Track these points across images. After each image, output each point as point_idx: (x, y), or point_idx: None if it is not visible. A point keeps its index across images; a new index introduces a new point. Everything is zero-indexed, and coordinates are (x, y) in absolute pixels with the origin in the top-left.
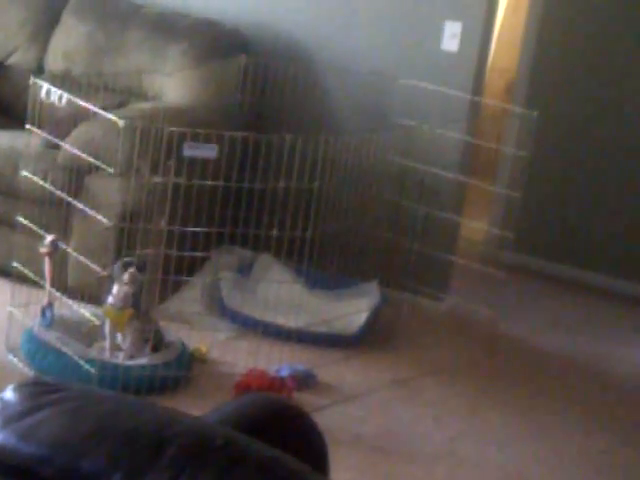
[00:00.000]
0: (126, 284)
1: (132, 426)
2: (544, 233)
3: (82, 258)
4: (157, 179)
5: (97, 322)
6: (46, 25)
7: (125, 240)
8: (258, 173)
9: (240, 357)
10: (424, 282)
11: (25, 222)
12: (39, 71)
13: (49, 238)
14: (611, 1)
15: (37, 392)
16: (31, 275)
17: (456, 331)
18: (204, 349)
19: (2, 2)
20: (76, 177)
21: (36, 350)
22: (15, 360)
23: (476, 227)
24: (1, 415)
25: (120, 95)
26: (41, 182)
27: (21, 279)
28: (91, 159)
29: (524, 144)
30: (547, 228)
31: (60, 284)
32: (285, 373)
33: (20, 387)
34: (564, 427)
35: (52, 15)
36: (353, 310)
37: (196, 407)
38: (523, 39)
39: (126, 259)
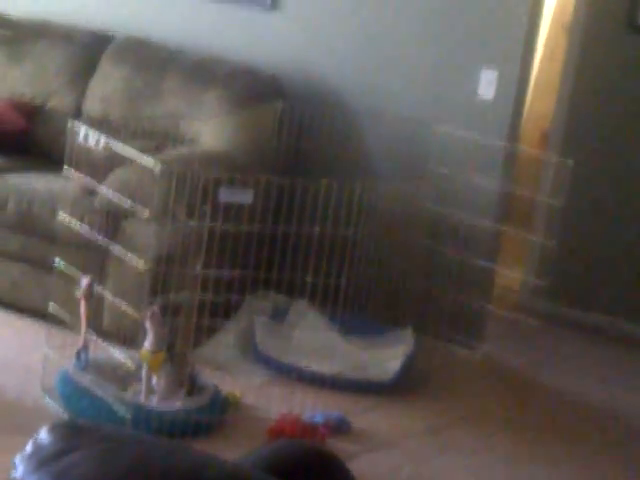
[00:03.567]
0: (147, 323)
1: (165, 469)
2: (579, 282)
3: (118, 301)
4: (193, 223)
5: (132, 365)
6: (85, 70)
7: (160, 284)
8: (293, 218)
9: (273, 403)
10: (458, 330)
11: (61, 265)
12: (77, 115)
13: (85, 281)
14: None
15: (71, 434)
16: (67, 317)
17: (490, 380)
18: (238, 394)
19: (42, 46)
20: (112, 221)
21: (71, 392)
22: (50, 402)
23: (511, 275)
24: (36, 456)
25: (157, 140)
26: (78, 225)
27: (57, 321)
28: (127, 203)
29: (559, 192)
30: (582, 277)
31: (96, 327)
32: (318, 419)
33: (54, 428)
34: (600, 478)
35: (91, 60)
36: (387, 357)
37: (229, 452)
38: (559, 87)
39: (152, 302)
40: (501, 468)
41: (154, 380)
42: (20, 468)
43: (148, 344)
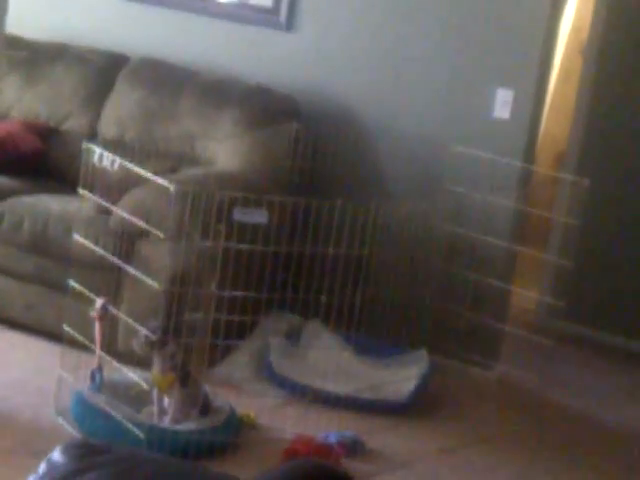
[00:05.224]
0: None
1: None
2: (595, 302)
3: (132, 322)
4: (207, 244)
5: (146, 386)
6: (100, 91)
7: (175, 304)
8: (308, 238)
9: (288, 423)
10: (474, 350)
11: (76, 286)
12: (92, 137)
13: (99, 302)
14: None
15: (84, 454)
16: (81, 339)
17: (506, 400)
18: (252, 414)
19: (57, 68)
20: (127, 241)
21: (85, 413)
22: (64, 423)
23: (527, 295)
24: (49, 476)
25: (172, 160)
26: (92, 246)
27: (71, 342)
28: (142, 224)
29: (575, 212)
30: (598, 297)
31: (110, 348)
32: (333, 440)
33: (68, 449)
34: None
35: (106, 81)
36: (402, 377)
37: (244, 472)
38: (575, 107)
39: (151, 324)
40: None
41: (166, 401)
42: None
43: (156, 366)
